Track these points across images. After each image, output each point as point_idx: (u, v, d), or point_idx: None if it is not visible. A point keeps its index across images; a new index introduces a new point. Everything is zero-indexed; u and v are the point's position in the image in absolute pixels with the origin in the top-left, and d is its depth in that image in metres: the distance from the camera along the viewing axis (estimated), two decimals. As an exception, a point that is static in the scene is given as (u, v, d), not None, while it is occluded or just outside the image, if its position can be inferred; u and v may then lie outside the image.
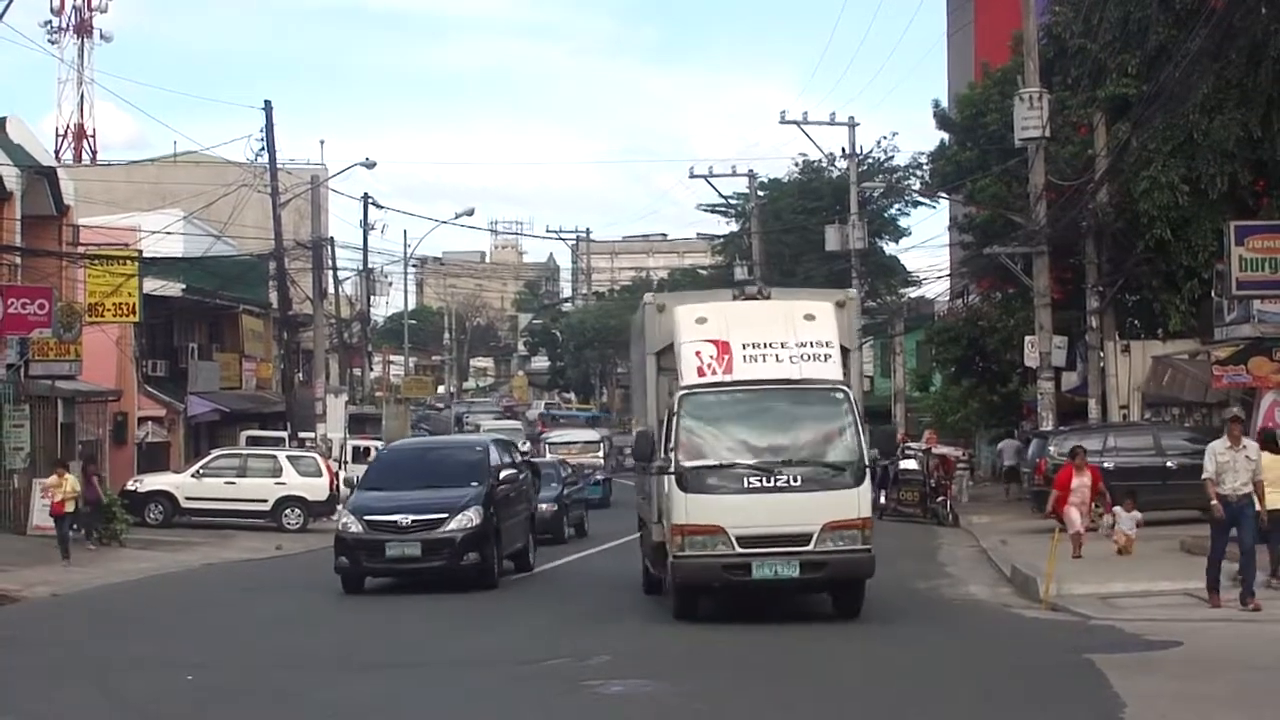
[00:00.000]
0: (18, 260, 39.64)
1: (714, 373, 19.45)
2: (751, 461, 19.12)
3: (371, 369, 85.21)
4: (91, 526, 34.81)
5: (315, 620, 22.51)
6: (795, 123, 58.56)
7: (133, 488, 42.26)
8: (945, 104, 49.31)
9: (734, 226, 78.87)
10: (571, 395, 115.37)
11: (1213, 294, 35.68)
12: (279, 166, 50.69)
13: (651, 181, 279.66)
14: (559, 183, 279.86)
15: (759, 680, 14.97)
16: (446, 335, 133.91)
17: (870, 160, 65.02)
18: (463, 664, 16.90)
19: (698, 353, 19.64)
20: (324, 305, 55.10)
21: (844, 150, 60.52)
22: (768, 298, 21.02)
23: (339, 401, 55.02)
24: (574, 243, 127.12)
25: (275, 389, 58.22)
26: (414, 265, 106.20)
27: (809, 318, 20.13)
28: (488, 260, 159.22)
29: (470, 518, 24.30)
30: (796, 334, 19.81)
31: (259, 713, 14.53)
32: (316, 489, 41.52)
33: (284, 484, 41.51)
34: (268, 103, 49.68)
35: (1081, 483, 26.55)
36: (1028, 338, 37.93)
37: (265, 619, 22.64)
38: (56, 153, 77.54)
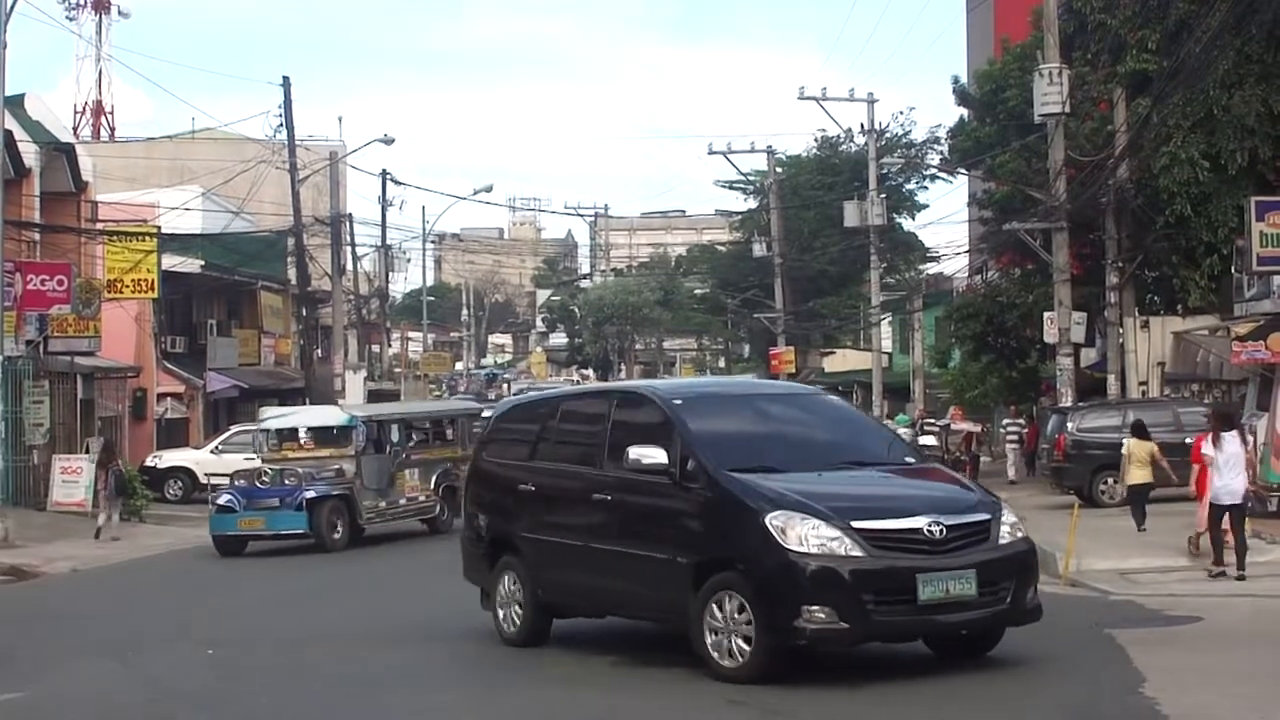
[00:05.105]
0: (36, 236, 39.78)
1: None
2: None
3: (390, 345, 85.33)
4: None
5: (337, 594, 22.55)
6: (814, 99, 58.49)
7: (152, 464, 42.53)
8: (965, 80, 49.13)
9: (752, 203, 78.88)
10: (589, 371, 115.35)
11: (1233, 270, 35.56)
12: (297, 143, 50.73)
13: (670, 158, 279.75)
14: (577, 159, 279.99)
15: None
16: (465, 311, 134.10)
17: (888, 135, 64.97)
18: (479, 638, 16.90)
19: None
20: (343, 282, 55.17)
21: (863, 126, 60.55)
22: None
23: (358, 378, 55.05)
24: (592, 219, 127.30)
25: (294, 365, 58.34)
26: (432, 242, 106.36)
27: None
28: (506, 237, 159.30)
29: (1016, 524, 13.85)
30: None
31: (280, 686, 14.57)
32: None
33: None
34: (286, 79, 49.88)
35: None
36: (1047, 314, 37.81)
37: (285, 593, 22.71)
38: (75, 129, 77.67)
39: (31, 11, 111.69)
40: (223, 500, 29.40)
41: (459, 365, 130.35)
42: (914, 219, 70.62)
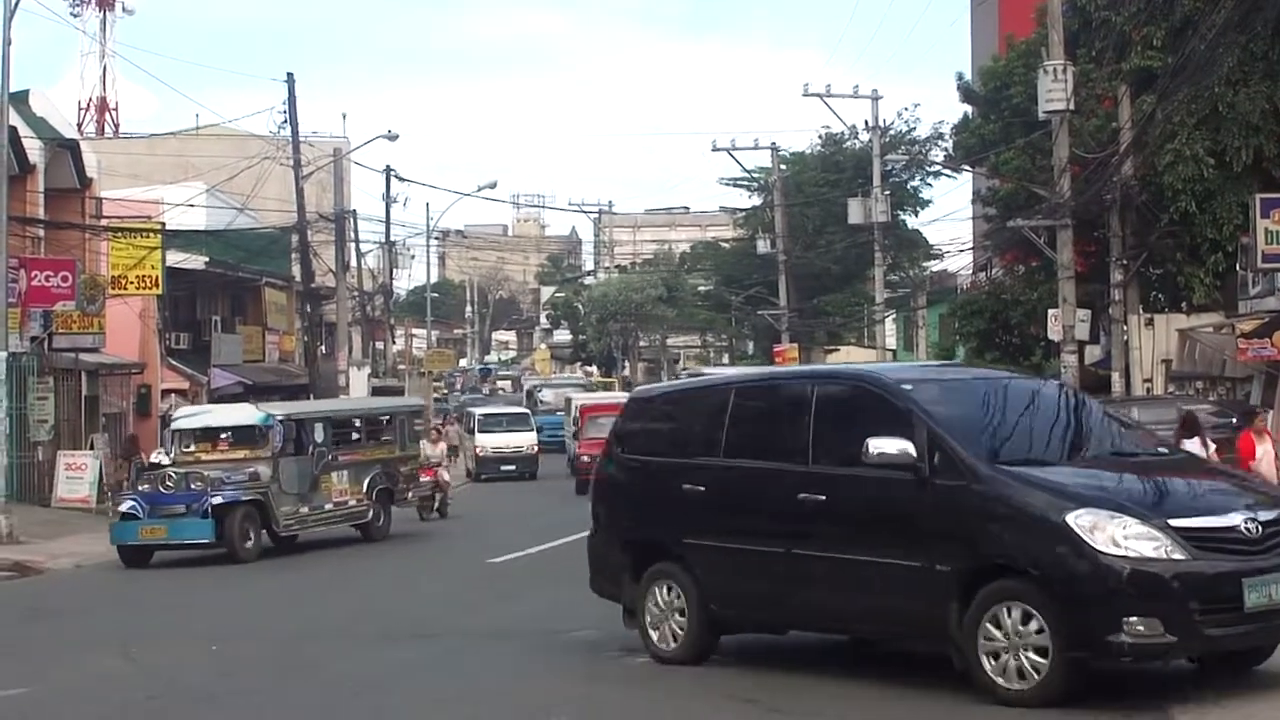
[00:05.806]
0: (41, 233, 39.77)
1: None
2: None
3: (394, 342, 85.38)
4: None
5: (336, 592, 22.56)
6: (818, 95, 58.49)
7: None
8: (969, 76, 49.12)
9: (756, 200, 78.82)
10: (593, 368, 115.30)
11: (1237, 267, 35.57)
12: (301, 139, 50.72)
13: (674, 155, 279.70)
14: (581, 156, 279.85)
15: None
16: (469, 308, 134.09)
17: (892, 132, 64.95)
18: (483, 635, 16.90)
19: None
20: (346, 278, 55.17)
21: (867, 123, 60.50)
22: None
23: (362, 374, 55.09)
24: (596, 216, 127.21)
25: (298, 362, 58.35)
26: (436, 238, 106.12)
27: None
28: (510, 233, 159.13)
29: None
30: None
31: (281, 682, 14.58)
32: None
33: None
34: (290, 75, 49.90)
35: (1266, 451, 20.91)
36: (1051, 311, 37.77)
37: (287, 590, 22.71)
38: (79, 125, 77.75)
39: (36, 8, 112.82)
40: (125, 507, 27.11)
41: (463, 362, 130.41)
42: (918, 216, 70.58)
